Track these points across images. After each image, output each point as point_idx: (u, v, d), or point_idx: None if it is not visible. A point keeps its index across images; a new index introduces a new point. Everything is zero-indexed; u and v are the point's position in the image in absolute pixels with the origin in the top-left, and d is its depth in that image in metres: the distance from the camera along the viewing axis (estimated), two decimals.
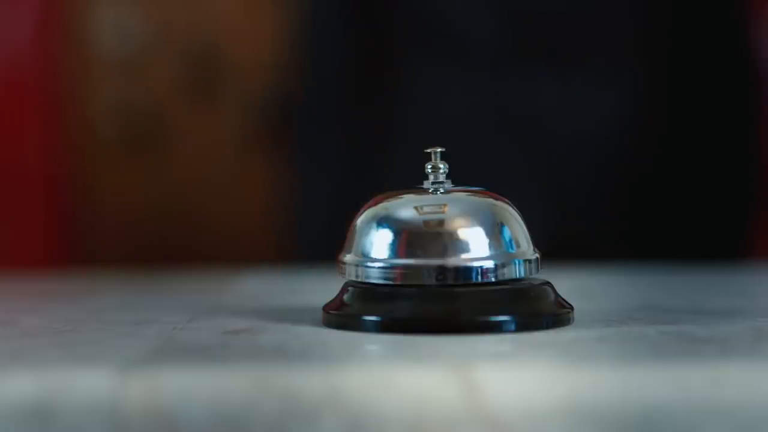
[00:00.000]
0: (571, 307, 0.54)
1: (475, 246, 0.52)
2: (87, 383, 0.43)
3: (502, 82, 1.19)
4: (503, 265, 0.53)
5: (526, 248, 0.54)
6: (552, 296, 0.54)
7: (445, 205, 0.54)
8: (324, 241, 1.20)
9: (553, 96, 1.20)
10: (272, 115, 1.34)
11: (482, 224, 0.53)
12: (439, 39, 1.22)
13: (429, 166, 0.56)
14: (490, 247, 0.53)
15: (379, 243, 0.53)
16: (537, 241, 0.55)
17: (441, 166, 0.56)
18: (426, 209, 0.54)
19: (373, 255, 0.53)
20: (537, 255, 0.54)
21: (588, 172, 1.21)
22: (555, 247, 0.55)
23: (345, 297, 0.54)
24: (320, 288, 0.61)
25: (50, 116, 1.51)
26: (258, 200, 1.48)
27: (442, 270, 0.52)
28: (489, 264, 0.52)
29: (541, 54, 1.20)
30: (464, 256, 0.52)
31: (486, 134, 1.15)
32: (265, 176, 1.46)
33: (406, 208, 0.54)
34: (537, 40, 1.21)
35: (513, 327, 0.52)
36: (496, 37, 1.20)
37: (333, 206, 1.23)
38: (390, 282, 0.53)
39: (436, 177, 0.55)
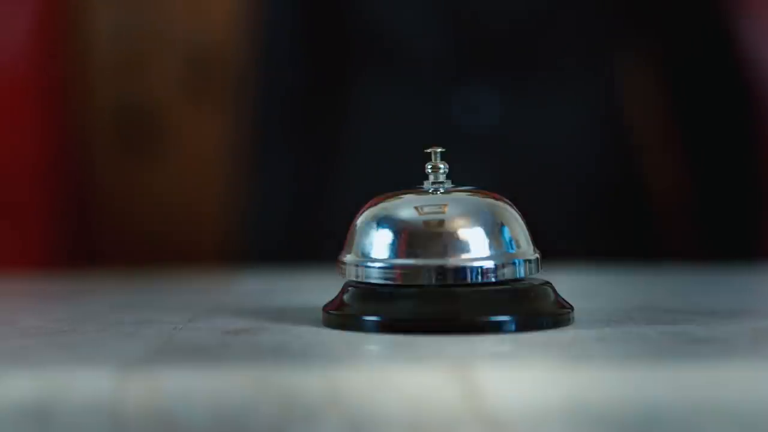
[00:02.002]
0: (571, 307, 0.54)
1: (476, 246, 0.52)
2: (87, 383, 0.43)
3: (456, 98, 1.19)
4: (503, 265, 0.53)
5: (526, 248, 0.54)
6: (552, 296, 0.54)
7: (445, 205, 0.54)
8: (275, 252, 1.20)
9: (511, 111, 1.19)
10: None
11: (482, 224, 0.53)
12: (391, 55, 1.22)
13: (429, 166, 0.56)
14: (490, 247, 0.53)
15: (379, 243, 0.53)
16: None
17: (441, 166, 0.56)
18: (426, 209, 0.54)
19: (373, 255, 0.53)
20: (537, 255, 0.54)
21: (552, 186, 1.20)
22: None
23: (345, 297, 0.54)
24: (320, 288, 0.61)
25: (49, 116, 1.51)
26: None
27: (442, 270, 0.52)
28: (489, 264, 0.52)
29: (495, 69, 1.20)
30: (464, 256, 0.52)
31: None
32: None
33: (406, 208, 0.54)
34: (491, 54, 1.20)
35: (513, 327, 0.52)
36: (449, 53, 1.20)
37: (283, 216, 1.24)
38: (390, 282, 0.53)
39: (436, 177, 0.55)
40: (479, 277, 0.52)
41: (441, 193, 0.55)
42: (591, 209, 1.21)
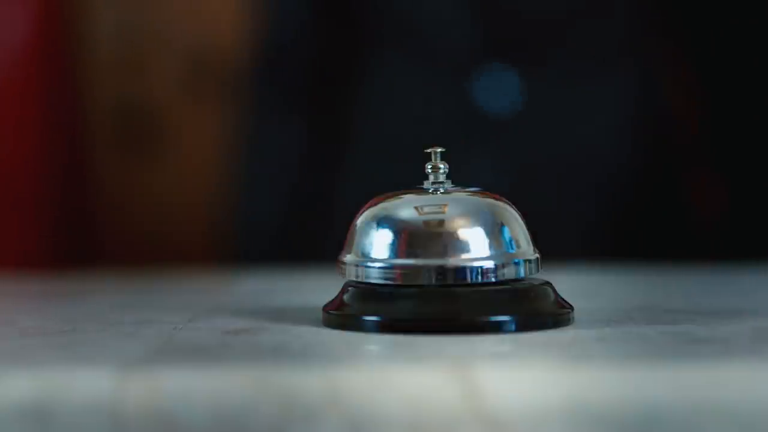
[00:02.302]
0: (571, 307, 0.54)
1: (476, 246, 0.52)
2: (87, 383, 0.43)
3: (475, 83, 1.18)
4: (503, 265, 0.53)
5: (526, 248, 0.54)
6: (552, 296, 0.54)
7: (445, 205, 0.54)
8: (275, 252, 1.21)
9: (534, 97, 1.18)
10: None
11: (482, 224, 0.53)
12: (410, 38, 1.21)
13: (429, 166, 0.56)
14: (490, 247, 0.53)
15: (379, 243, 0.53)
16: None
17: (441, 166, 0.56)
18: (426, 209, 0.54)
19: (373, 255, 0.53)
20: (537, 255, 0.54)
21: (566, 177, 1.19)
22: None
23: (345, 297, 0.54)
24: (320, 288, 0.61)
25: (49, 116, 1.51)
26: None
27: (442, 270, 0.52)
28: (489, 264, 0.52)
29: (515, 54, 1.19)
30: (464, 256, 0.52)
31: (457, 136, 1.13)
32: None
33: (406, 208, 0.54)
34: (511, 39, 1.19)
35: (513, 327, 0.52)
36: (469, 36, 1.19)
37: (283, 208, 1.24)
38: (390, 282, 0.53)
39: (436, 177, 0.55)
40: (479, 277, 0.52)
41: (441, 193, 0.55)
42: (616, 206, 1.19)
